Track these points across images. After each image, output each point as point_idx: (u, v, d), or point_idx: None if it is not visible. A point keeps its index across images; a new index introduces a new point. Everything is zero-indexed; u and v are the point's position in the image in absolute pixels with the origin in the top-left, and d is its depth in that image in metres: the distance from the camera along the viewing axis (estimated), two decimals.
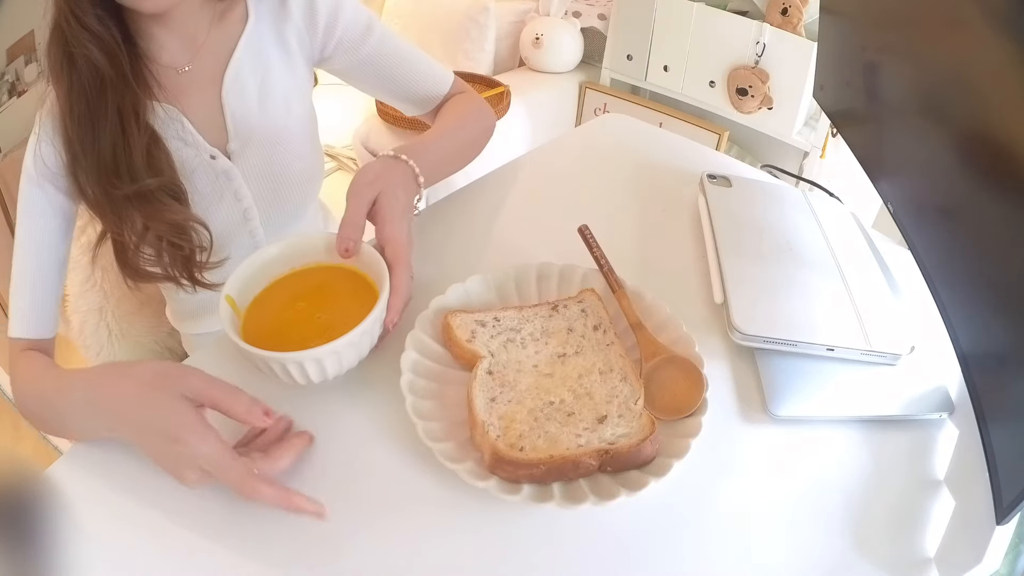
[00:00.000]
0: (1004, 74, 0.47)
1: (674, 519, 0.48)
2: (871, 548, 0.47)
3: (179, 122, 0.68)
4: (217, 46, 0.70)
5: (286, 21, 0.73)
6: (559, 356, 0.55)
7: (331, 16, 0.74)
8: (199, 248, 0.68)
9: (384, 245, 0.58)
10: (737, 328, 0.58)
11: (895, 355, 0.58)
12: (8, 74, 1.49)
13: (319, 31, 0.74)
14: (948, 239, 0.58)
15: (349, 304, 0.57)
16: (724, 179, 0.78)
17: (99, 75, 0.61)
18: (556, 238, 0.69)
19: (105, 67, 0.61)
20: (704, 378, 0.52)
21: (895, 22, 0.67)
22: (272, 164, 0.75)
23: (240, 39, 0.70)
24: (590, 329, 0.57)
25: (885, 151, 0.71)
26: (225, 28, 0.70)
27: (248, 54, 0.71)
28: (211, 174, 0.71)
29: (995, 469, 0.48)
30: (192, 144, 0.69)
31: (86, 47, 0.59)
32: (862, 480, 0.51)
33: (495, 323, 0.57)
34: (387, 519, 0.48)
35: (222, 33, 0.70)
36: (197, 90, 0.69)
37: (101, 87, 0.61)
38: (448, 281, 0.60)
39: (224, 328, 0.52)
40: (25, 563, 0.34)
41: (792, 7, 1.61)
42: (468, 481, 0.46)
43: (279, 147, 0.75)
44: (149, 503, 0.49)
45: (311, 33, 0.74)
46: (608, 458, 0.47)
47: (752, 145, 1.92)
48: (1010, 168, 0.47)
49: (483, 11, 1.99)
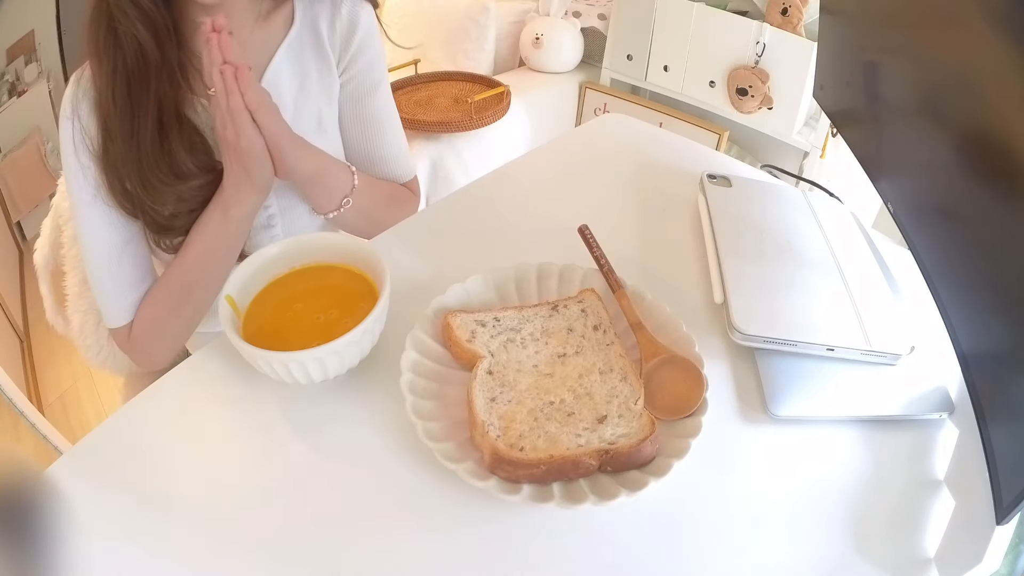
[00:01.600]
0: (1004, 74, 0.47)
1: (674, 519, 0.48)
2: (871, 548, 0.47)
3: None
4: (258, 47, 0.69)
5: (332, 29, 0.72)
6: (559, 356, 0.55)
7: (361, 46, 0.74)
8: None
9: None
10: (737, 328, 0.58)
11: (895, 355, 0.58)
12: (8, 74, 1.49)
13: (348, 53, 0.74)
14: (948, 239, 0.58)
15: (349, 304, 0.57)
16: (724, 179, 0.78)
17: (144, 59, 0.61)
18: (556, 238, 0.69)
19: (152, 50, 0.61)
20: (704, 378, 0.52)
21: (895, 22, 0.67)
22: None
23: (282, 44, 0.70)
24: (590, 329, 0.57)
25: (885, 151, 0.71)
26: (267, 29, 0.69)
27: (288, 58, 0.70)
28: None
29: (995, 469, 0.48)
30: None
31: (134, 25, 0.59)
32: (862, 480, 0.51)
33: (495, 323, 0.57)
34: (387, 519, 0.48)
35: (264, 34, 0.69)
36: None
37: (145, 71, 0.61)
38: (448, 281, 0.60)
39: (224, 328, 0.52)
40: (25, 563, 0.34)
41: (792, 7, 1.61)
42: (468, 481, 0.46)
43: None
44: (149, 503, 0.49)
45: (344, 50, 0.74)
46: (608, 458, 0.47)
47: (752, 145, 1.92)
48: (1010, 168, 0.47)
49: (483, 11, 1.99)
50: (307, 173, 0.69)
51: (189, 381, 0.58)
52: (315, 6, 0.72)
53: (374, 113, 0.79)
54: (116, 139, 0.62)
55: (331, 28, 0.72)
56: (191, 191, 0.67)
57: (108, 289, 0.68)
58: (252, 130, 0.61)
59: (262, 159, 0.64)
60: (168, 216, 0.67)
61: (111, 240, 0.67)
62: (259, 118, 0.61)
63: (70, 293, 0.84)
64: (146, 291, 0.70)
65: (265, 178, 0.66)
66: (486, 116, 1.73)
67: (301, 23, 0.70)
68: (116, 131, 0.62)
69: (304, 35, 0.71)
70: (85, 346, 0.87)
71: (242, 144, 0.61)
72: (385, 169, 0.83)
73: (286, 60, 0.70)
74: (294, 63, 0.71)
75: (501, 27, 2.09)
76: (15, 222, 1.80)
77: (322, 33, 0.72)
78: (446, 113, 1.75)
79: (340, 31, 0.73)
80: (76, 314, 0.85)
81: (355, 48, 0.74)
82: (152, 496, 0.49)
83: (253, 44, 0.69)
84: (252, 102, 0.60)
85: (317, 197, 0.73)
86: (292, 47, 0.70)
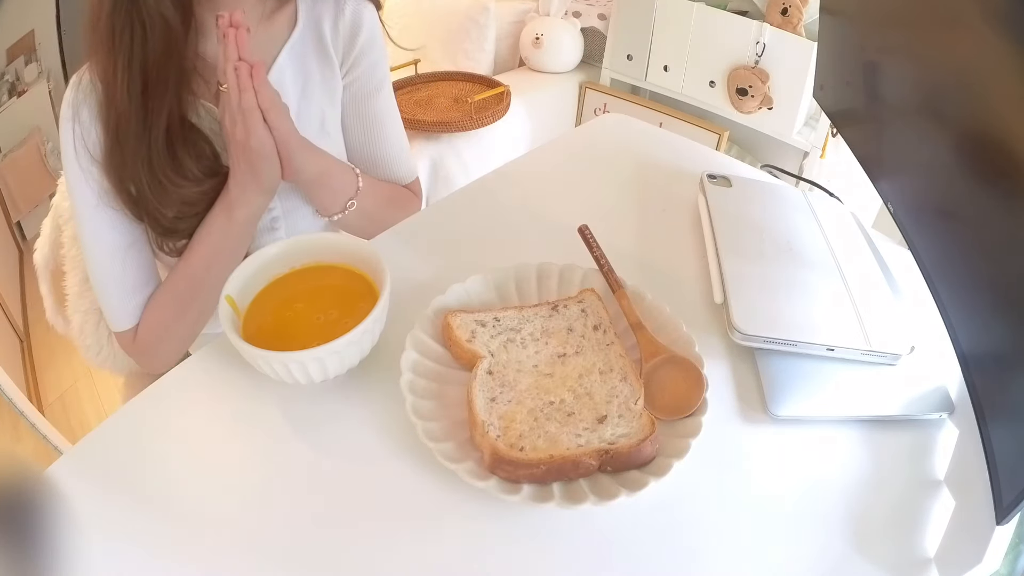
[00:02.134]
0: (1004, 74, 0.47)
1: (674, 519, 0.48)
2: (871, 548, 0.47)
3: (218, 124, 0.67)
4: (261, 47, 0.69)
5: (336, 31, 0.72)
6: (559, 356, 0.55)
7: (365, 47, 0.74)
8: None
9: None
10: (737, 328, 0.58)
11: (895, 355, 0.58)
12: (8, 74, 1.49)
13: (352, 54, 0.74)
14: (948, 239, 0.58)
15: (349, 304, 0.57)
16: (724, 179, 0.78)
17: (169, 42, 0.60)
18: (556, 238, 0.69)
19: (178, 28, 0.60)
20: (704, 378, 0.52)
21: (895, 22, 0.67)
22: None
23: (285, 44, 0.69)
24: (590, 329, 0.57)
25: (885, 151, 0.71)
26: (271, 29, 0.69)
27: (291, 59, 0.70)
28: None
29: (995, 469, 0.48)
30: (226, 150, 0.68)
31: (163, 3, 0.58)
32: (862, 480, 0.51)
33: (495, 323, 0.57)
34: (386, 519, 0.48)
35: (267, 34, 0.69)
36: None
37: (166, 59, 0.60)
38: (448, 281, 0.60)
39: (224, 328, 0.52)
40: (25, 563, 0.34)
41: (792, 7, 1.61)
42: (468, 481, 0.46)
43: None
44: (149, 503, 0.49)
45: (347, 51, 0.74)
46: (608, 458, 0.47)
47: (752, 145, 1.92)
48: (1011, 168, 0.47)
49: (483, 11, 1.99)
50: (313, 175, 0.69)
51: (189, 381, 0.58)
52: (318, 6, 0.72)
53: (377, 114, 0.79)
54: (126, 140, 0.61)
55: (334, 29, 0.72)
56: (196, 195, 0.66)
57: (112, 293, 0.68)
58: (263, 130, 0.61)
59: (271, 159, 0.63)
60: (172, 219, 0.66)
61: (114, 244, 0.67)
62: (270, 118, 0.61)
63: (70, 293, 0.84)
64: (150, 294, 0.70)
65: (272, 179, 0.66)
66: (486, 116, 1.73)
67: (304, 24, 0.70)
68: (126, 131, 0.61)
69: (307, 36, 0.71)
70: (85, 346, 0.87)
71: (252, 143, 0.61)
72: (387, 170, 0.83)
73: (289, 61, 0.70)
74: (297, 64, 0.71)
75: (501, 27, 2.09)
76: (15, 222, 1.80)
77: (325, 34, 0.72)
78: (446, 113, 1.76)
79: (344, 32, 0.73)
80: (76, 314, 0.85)
81: (359, 49, 0.74)
82: (152, 496, 0.49)
83: (257, 44, 0.68)
84: (265, 101, 0.60)
85: (322, 199, 0.73)
86: (295, 48, 0.70)
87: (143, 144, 0.61)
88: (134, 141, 0.61)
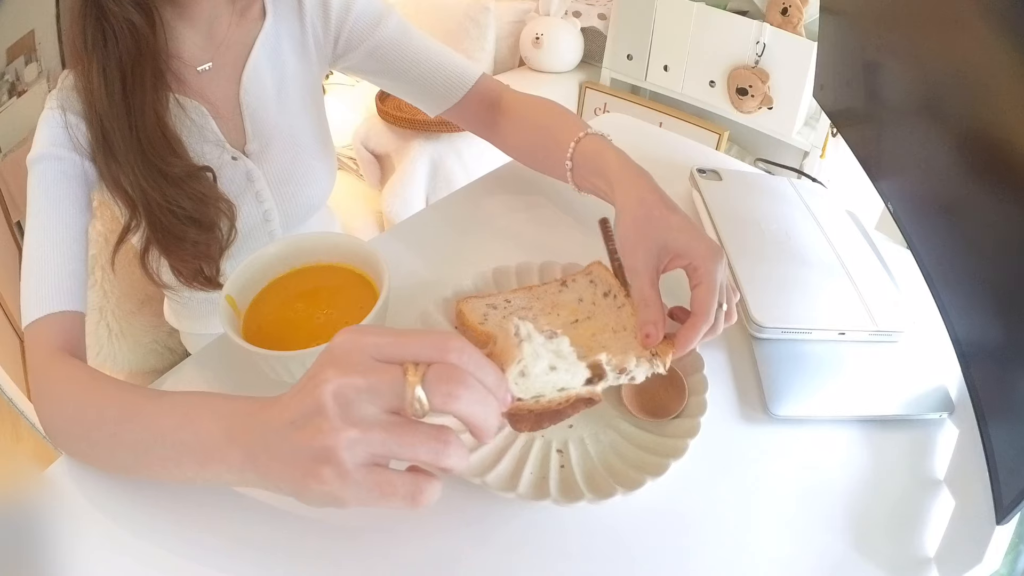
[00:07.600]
0: (1004, 74, 0.47)
1: (673, 519, 0.48)
2: (871, 548, 0.47)
3: (204, 119, 0.67)
4: (236, 45, 0.69)
5: (302, 19, 0.72)
6: (571, 323, 0.55)
7: (343, 9, 0.73)
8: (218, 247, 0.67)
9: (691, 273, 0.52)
10: (756, 322, 0.59)
11: (899, 332, 0.60)
12: (8, 74, 1.49)
13: (332, 26, 0.73)
14: (948, 239, 0.58)
15: (349, 304, 0.57)
16: (714, 172, 0.79)
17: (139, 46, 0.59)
18: (557, 237, 0.69)
19: (147, 33, 0.59)
20: (686, 385, 0.53)
21: (895, 22, 0.67)
22: (292, 165, 0.74)
23: (258, 38, 0.69)
24: (600, 296, 0.57)
25: (885, 151, 0.71)
26: (243, 26, 0.69)
27: (265, 53, 0.70)
28: (233, 175, 0.70)
29: (995, 469, 0.48)
30: (215, 143, 0.68)
31: (126, 9, 0.57)
32: (862, 480, 0.51)
33: (506, 304, 0.57)
34: (387, 518, 0.48)
35: (240, 31, 0.69)
36: (216, 89, 0.68)
37: (140, 61, 0.59)
38: (450, 280, 0.60)
39: (224, 328, 0.52)
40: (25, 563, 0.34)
41: (792, 7, 1.61)
42: (466, 478, 0.47)
43: (297, 148, 0.75)
44: (149, 504, 0.49)
45: (325, 29, 0.73)
46: None
47: (752, 145, 1.92)
48: (1010, 168, 0.47)
49: (483, 11, 1.99)
50: None
51: (189, 381, 0.58)
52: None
53: (389, 38, 0.74)
54: (113, 138, 0.60)
55: (301, 13, 0.71)
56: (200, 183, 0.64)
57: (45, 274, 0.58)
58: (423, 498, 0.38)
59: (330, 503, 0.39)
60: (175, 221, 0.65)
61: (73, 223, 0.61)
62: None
63: None
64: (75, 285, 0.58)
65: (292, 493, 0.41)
66: None
67: (274, 16, 0.70)
68: (111, 129, 0.60)
69: (279, 27, 0.71)
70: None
71: (394, 503, 0.38)
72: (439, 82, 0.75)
73: (264, 54, 0.70)
74: (272, 56, 0.71)
75: (501, 27, 2.08)
76: (15, 222, 1.80)
77: (294, 21, 0.72)
78: None
79: (313, 12, 0.72)
80: None
81: (336, 16, 0.72)
82: (152, 496, 0.49)
83: (230, 44, 0.68)
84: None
85: None
86: (267, 40, 0.70)
87: (132, 139, 0.60)
88: (122, 140, 0.60)
